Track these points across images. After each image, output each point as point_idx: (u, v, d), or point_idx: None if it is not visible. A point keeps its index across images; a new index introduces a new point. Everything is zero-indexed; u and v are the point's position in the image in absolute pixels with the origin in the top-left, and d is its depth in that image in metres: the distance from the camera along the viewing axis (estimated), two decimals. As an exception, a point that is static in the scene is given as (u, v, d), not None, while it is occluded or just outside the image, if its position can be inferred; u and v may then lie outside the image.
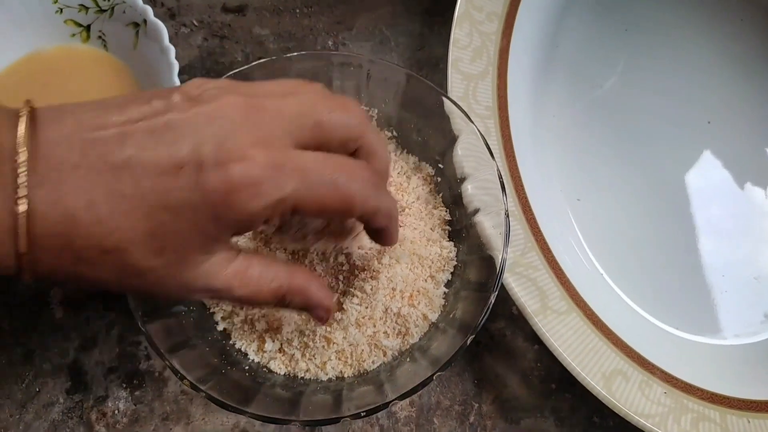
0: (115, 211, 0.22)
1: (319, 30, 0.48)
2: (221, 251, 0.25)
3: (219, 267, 0.25)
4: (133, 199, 0.22)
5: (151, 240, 0.23)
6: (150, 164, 0.22)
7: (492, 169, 0.35)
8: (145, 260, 0.23)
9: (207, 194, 0.22)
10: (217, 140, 0.23)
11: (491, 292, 0.32)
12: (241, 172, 0.22)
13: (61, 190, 0.22)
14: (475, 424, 0.39)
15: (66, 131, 0.23)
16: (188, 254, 0.24)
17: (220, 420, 0.39)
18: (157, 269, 0.23)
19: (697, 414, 0.34)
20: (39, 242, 0.22)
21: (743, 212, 0.43)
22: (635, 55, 0.45)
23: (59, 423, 0.38)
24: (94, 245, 0.22)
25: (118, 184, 0.22)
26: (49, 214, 0.22)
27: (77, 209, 0.22)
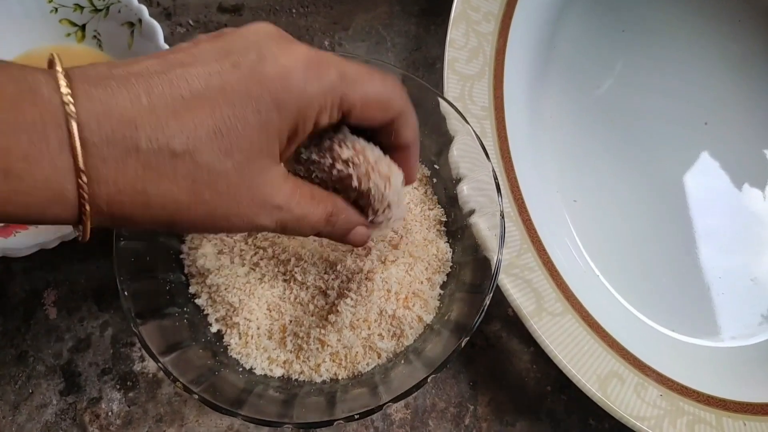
0: (179, 112, 0.22)
1: (315, 30, 0.48)
2: (279, 165, 0.25)
3: (281, 179, 0.25)
4: (194, 98, 0.22)
5: (218, 138, 0.22)
6: (206, 62, 0.23)
7: (487, 170, 0.34)
8: (217, 161, 0.23)
9: (265, 81, 0.23)
10: (255, 45, 0.24)
11: (486, 294, 0.32)
12: (293, 60, 0.23)
13: (114, 99, 0.21)
14: (470, 426, 0.39)
15: (99, 70, 0.22)
16: (255, 156, 0.24)
17: (213, 422, 0.38)
18: (228, 173, 0.23)
19: (692, 416, 0.34)
20: (98, 151, 0.21)
21: (741, 214, 0.42)
22: (632, 56, 0.45)
23: (52, 424, 0.38)
24: (163, 147, 0.21)
25: (175, 86, 0.22)
26: (105, 121, 0.21)
27: (136, 113, 0.21)
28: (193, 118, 0.22)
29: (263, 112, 0.23)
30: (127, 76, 0.22)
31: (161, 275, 0.35)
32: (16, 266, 0.41)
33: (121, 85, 0.22)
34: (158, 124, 0.21)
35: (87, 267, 0.41)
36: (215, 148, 0.22)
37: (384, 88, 0.27)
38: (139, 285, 0.32)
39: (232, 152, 0.23)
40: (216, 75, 0.23)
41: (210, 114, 0.22)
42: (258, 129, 0.23)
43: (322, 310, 0.35)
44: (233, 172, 0.23)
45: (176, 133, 0.22)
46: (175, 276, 0.36)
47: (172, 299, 0.35)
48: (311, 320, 0.35)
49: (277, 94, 0.23)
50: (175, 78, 0.22)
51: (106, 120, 0.21)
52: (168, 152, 0.22)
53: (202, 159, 0.22)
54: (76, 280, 0.41)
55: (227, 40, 0.24)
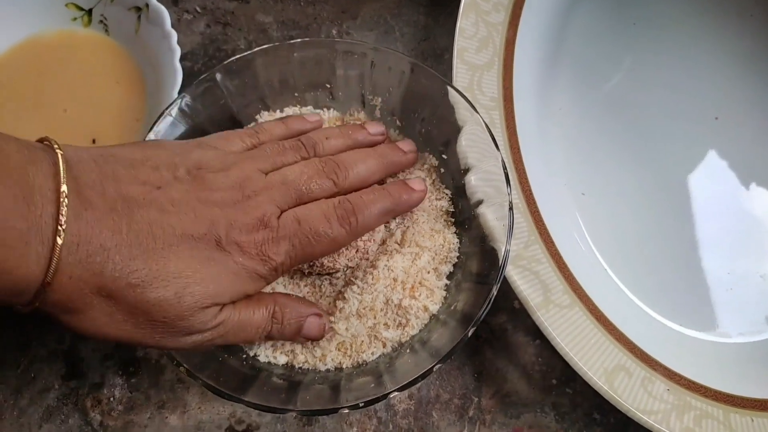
0: (149, 253, 0.25)
1: (323, 18, 0.48)
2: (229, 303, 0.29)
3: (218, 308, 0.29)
4: (164, 245, 0.26)
5: (175, 280, 0.26)
6: (180, 225, 0.27)
7: (496, 160, 0.34)
8: (168, 298, 0.26)
9: (225, 258, 0.28)
10: (226, 224, 0.28)
11: (493, 284, 0.31)
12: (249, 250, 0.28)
13: (99, 226, 0.25)
14: (474, 418, 0.39)
15: (94, 177, 0.26)
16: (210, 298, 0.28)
17: (216, 409, 0.38)
18: (168, 300, 0.26)
19: (700, 411, 0.34)
20: (68, 269, 0.24)
21: (750, 209, 0.42)
22: (642, 50, 0.45)
23: (54, 409, 0.38)
24: (122, 278, 0.25)
25: (155, 228, 0.26)
26: (84, 245, 0.24)
27: (113, 244, 0.25)
28: (157, 260, 0.26)
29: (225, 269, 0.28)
30: (117, 200, 0.26)
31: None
32: (19, 250, 0.41)
33: (109, 210, 0.25)
34: (128, 257, 0.25)
35: (91, 252, 0.41)
36: (172, 287, 0.26)
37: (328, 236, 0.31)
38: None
39: (185, 294, 0.26)
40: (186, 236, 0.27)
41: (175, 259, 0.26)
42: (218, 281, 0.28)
43: (329, 298, 0.35)
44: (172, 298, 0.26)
45: (139, 268, 0.25)
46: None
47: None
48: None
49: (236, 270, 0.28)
50: (155, 218, 0.26)
51: (86, 243, 0.24)
52: (125, 282, 0.25)
53: (152, 294, 0.26)
54: (80, 266, 0.41)
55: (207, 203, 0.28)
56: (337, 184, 0.32)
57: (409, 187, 0.34)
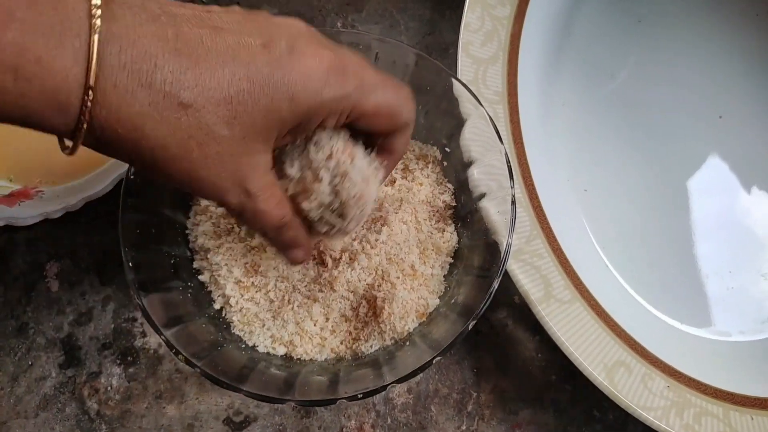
0: (200, 65, 0.22)
1: (328, 11, 0.48)
2: (268, 154, 0.26)
3: (264, 169, 0.25)
4: (219, 58, 0.22)
5: (226, 107, 0.22)
6: (240, 33, 0.23)
7: (499, 154, 0.34)
8: (216, 125, 0.23)
9: (288, 73, 0.23)
10: (289, 37, 0.24)
11: (494, 278, 0.31)
12: (318, 62, 0.24)
13: (143, 29, 0.21)
14: (472, 413, 0.39)
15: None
16: (252, 136, 0.24)
17: (214, 400, 0.38)
18: (222, 142, 0.23)
19: (700, 409, 0.34)
20: (112, 75, 0.20)
21: (752, 208, 0.42)
22: (647, 47, 0.45)
23: (51, 397, 0.38)
24: (174, 94, 0.21)
25: (205, 42, 0.22)
26: (127, 47, 0.20)
27: (160, 50, 0.21)
28: (211, 76, 0.22)
29: (275, 100, 0.23)
30: (160, 14, 0.22)
31: (166, 248, 0.34)
32: (19, 237, 0.41)
33: (152, 19, 0.21)
34: (178, 69, 0.21)
35: (90, 240, 0.41)
36: (220, 113, 0.22)
37: (397, 99, 0.28)
38: (144, 257, 0.32)
39: (234, 124, 0.23)
40: (245, 48, 0.23)
41: (228, 80, 0.22)
42: (264, 113, 0.23)
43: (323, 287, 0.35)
44: (227, 142, 0.23)
45: (191, 85, 0.22)
46: (180, 250, 0.35)
47: (176, 273, 0.34)
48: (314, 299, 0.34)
49: (295, 90, 0.24)
50: (207, 33, 0.22)
51: (128, 47, 0.20)
52: (176, 100, 0.21)
53: (204, 119, 0.22)
54: (79, 254, 0.41)
55: (263, 23, 0.24)
56: None
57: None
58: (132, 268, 0.31)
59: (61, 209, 0.37)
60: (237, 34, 0.23)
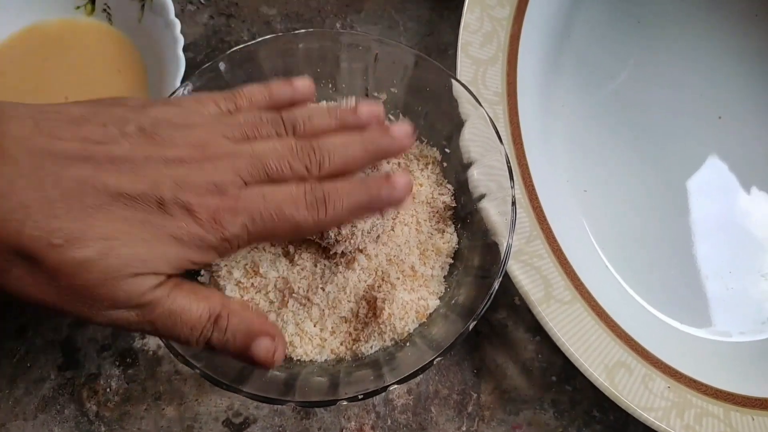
0: (69, 213, 0.23)
1: (327, 12, 0.48)
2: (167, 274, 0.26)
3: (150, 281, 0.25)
4: (94, 205, 0.24)
5: (101, 242, 0.24)
6: (115, 184, 0.24)
7: (499, 154, 0.34)
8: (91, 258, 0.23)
9: (165, 222, 0.25)
10: (174, 184, 0.25)
11: (495, 279, 0.31)
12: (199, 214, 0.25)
13: (17, 183, 0.23)
14: (473, 414, 0.39)
15: (26, 133, 0.24)
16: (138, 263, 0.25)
17: (213, 401, 0.38)
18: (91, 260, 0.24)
19: (700, 409, 0.34)
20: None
21: (752, 208, 0.42)
22: (647, 48, 0.45)
23: (50, 399, 0.37)
24: (43, 237, 0.23)
25: (77, 191, 0.24)
26: (1, 204, 0.22)
27: (33, 203, 0.23)
28: (85, 220, 0.23)
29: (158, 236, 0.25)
30: (45, 157, 0.23)
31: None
32: (17, 239, 0.41)
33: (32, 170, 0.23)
34: (50, 215, 0.23)
35: (89, 242, 0.41)
36: (96, 248, 0.23)
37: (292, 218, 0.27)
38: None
39: (110, 256, 0.24)
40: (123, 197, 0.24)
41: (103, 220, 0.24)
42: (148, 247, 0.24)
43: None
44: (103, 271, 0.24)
45: (62, 227, 0.23)
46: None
47: (175, 274, 0.34)
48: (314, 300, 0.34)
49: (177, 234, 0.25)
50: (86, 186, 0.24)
51: (3, 200, 0.22)
52: (46, 242, 0.23)
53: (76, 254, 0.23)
54: (78, 255, 0.41)
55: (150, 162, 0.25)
56: (309, 171, 0.28)
57: (392, 181, 0.28)
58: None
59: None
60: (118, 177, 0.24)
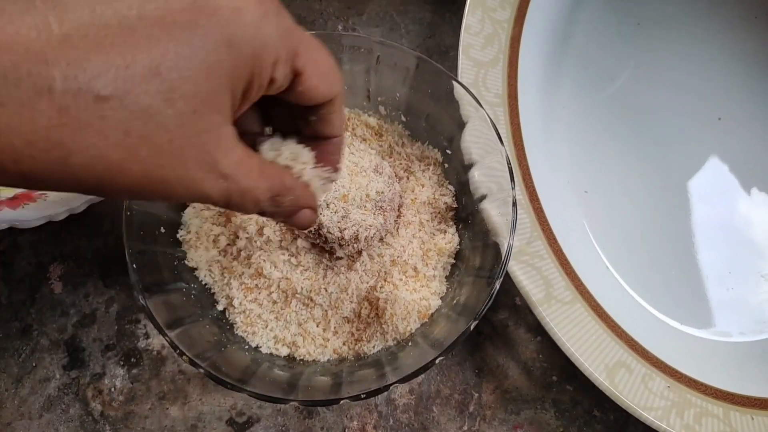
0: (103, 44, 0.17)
1: (329, 14, 0.48)
2: (230, 125, 0.21)
3: (231, 142, 0.21)
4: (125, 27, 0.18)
5: (155, 80, 0.18)
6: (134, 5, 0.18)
7: (500, 156, 0.34)
8: (153, 107, 0.18)
9: (215, 13, 0.19)
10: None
11: (496, 279, 0.31)
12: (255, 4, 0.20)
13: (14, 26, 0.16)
14: (474, 413, 0.39)
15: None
16: (202, 107, 0.19)
17: (217, 401, 0.38)
18: (169, 124, 0.19)
19: (700, 409, 0.34)
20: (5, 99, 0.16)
21: (751, 209, 0.42)
22: (647, 50, 0.45)
23: (55, 399, 0.38)
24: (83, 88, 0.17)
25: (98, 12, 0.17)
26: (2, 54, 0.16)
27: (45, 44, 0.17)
28: (123, 52, 0.17)
29: (212, 50, 0.19)
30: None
31: (169, 250, 0.35)
32: (23, 240, 0.41)
33: (23, 10, 0.17)
34: (76, 58, 0.17)
35: (94, 242, 0.41)
36: (152, 91, 0.18)
37: (331, 60, 0.24)
38: (147, 259, 0.32)
39: (174, 98, 0.18)
40: (151, 2, 0.18)
41: (145, 48, 0.18)
42: (205, 72, 0.19)
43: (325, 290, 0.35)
44: (175, 123, 0.19)
45: (101, 71, 0.17)
46: (181, 252, 0.36)
47: (179, 274, 0.34)
48: (316, 300, 0.34)
49: (229, 30, 0.19)
50: (97, 1, 0.17)
51: (3, 53, 0.16)
52: (91, 95, 0.17)
53: (135, 105, 0.18)
54: (83, 256, 0.41)
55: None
56: None
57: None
58: (136, 270, 0.31)
59: (65, 211, 0.37)
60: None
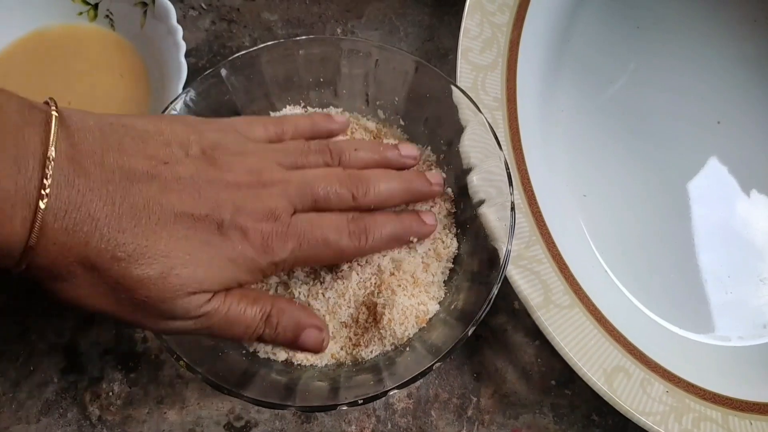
0: (136, 228, 0.25)
1: (328, 17, 0.48)
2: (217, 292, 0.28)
3: (204, 297, 0.27)
4: (158, 222, 0.25)
5: (163, 260, 0.25)
6: (180, 203, 0.26)
7: (499, 160, 0.34)
8: (151, 276, 0.25)
9: (224, 244, 0.27)
10: (233, 208, 0.27)
11: (494, 284, 0.31)
12: (250, 243, 0.27)
13: (87, 196, 0.24)
14: (472, 418, 0.39)
15: (96, 146, 0.25)
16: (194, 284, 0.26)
17: (215, 405, 0.38)
18: (151, 278, 0.25)
19: (698, 414, 0.34)
20: (53, 236, 0.23)
21: (750, 213, 0.42)
22: (646, 53, 0.45)
23: (52, 403, 0.38)
24: (108, 250, 0.24)
25: (144, 207, 0.25)
26: (73, 212, 0.23)
27: (103, 215, 0.24)
28: (149, 236, 0.25)
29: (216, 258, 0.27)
30: (114, 172, 0.25)
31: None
32: (20, 243, 0.41)
33: (105, 182, 0.24)
34: (117, 229, 0.24)
35: (92, 246, 0.41)
36: (157, 266, 0.25)
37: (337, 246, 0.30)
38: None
39: (171, 274, 0.25)
40: (186, 217, 0.26)
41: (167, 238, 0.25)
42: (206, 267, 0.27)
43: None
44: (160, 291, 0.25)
45: (127, 242, 0.24)
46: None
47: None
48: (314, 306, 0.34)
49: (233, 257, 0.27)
50: (154, 195, 0.25)
51: (74, 211, 0.23)
52: (109, 255, 0.24)
53: (136, 271, 0.25)
54: (81, 260, 0.41)
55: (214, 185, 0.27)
56: (356, 199, 0.31)
57: (422, 219, 0.34)
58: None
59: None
60: (182, 197, 0.26)
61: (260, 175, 0.28)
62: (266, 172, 0.29)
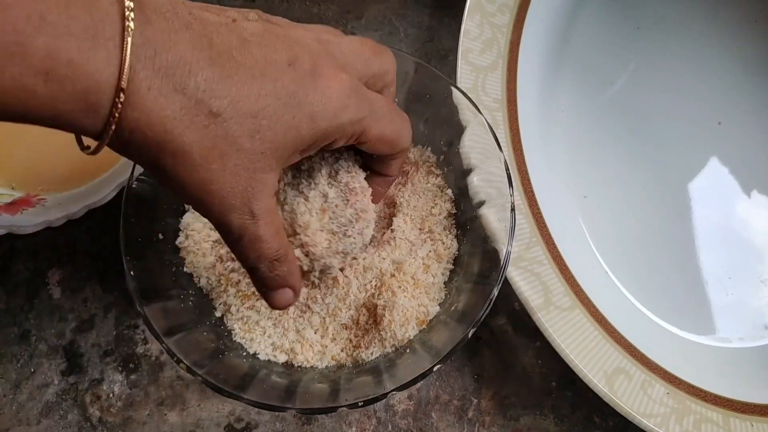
0: (232, 77, 0.22)
1: (328, 18, 0.48)
2: (277, 176, 0.25)
3: (270, 190, 0.25)
4: (250, 71, 0.23)
5: (252, 120, 0.23)
6: (263, 54, 0.23)
7: (499, 161, 0.34)
8: (240, 137, 0.23)
9: (311, 94, 0.24)
10: (311, 56, 0.25)
11: (494, 285, 0.31)
12: (338, 86, 0.25)
13: (177, 36, 0.21)
14: (473, 419, 0.39)
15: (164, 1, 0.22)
16: (269, 152, 0.24)
17: (215, 407, 0.38)
18: (241, 153, 0.23)
19: (699, 415, 0.34)
20: (146, 78, 0.20)
21: (751, 214, 0.42)
22: (646, 54, 0.45)
23: (53, 404, 0.38)
24: (205, 102, 0.22)
25: (236, 53, 0.23)
26: (162, 52, 0.21)
27: (195, 58, 0.21)
28: (242, 89, 0.22)
29: (297, 117, 0.24)
30: (192, 21, 0.22)
31: (167, 257, 0.35)
32: (21, 245, 0.41)
33: (185, 26, 0.22)
34: (211, 77, 0.22)
35: (92, 248, 0.41)
36: (246, 125, 0.23)
37: (400, 128, 0.29)
38: (145, 265, 0.32)
39: (256, 138, 0.23)
40: (272, 64, 0.23)
41: (257, 94, 0.23)
42: (285, 129, 0.24)
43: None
44: (247, 155, 0.23)
45: (223, 95, 0.22)
46: (179, 258, 0.35)
47: (177, 281, 0.34)
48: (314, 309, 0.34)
49: (316, 109, 0.24)
50: (236, 45, 0.23)
51: (164, 51, 0.21)
52: (207, 108, 0.22)
53: (231, 129, 0.22)
54: (81, 261, 0.41)
55: (284, 38, 0.25)
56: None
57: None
58: (133, 277, 0.31)
59: (63, 217, 0.37)
60: (263, 48, 0.24)
61: (322, 42, 0.26)
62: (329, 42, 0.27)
